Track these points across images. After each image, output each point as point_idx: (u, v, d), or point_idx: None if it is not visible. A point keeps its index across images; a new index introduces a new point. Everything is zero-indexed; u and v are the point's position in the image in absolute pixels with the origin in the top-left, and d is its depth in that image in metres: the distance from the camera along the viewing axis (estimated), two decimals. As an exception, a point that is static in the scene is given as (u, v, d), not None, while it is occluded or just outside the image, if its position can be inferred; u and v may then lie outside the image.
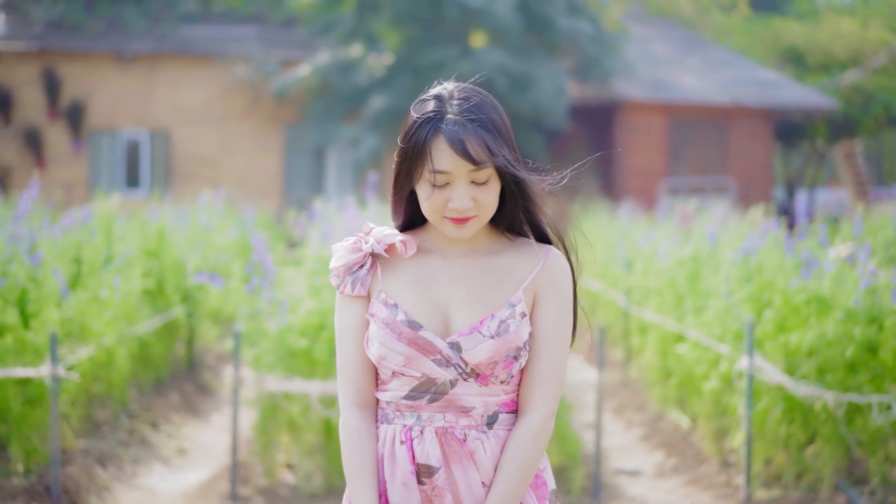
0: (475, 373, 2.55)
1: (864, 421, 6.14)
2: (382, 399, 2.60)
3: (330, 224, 7.24)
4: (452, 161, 2.51)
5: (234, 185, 22.90)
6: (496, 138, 2.53)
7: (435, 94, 2.58)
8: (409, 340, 2.54)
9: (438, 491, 2.54)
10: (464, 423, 2.55)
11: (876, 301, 6.24)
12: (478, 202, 2.53)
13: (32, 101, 23.59)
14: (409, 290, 2.60)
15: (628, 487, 6.82)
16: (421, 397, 2.56)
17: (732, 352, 6.67)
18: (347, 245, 2.63)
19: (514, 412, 2.60)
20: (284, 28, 24.95)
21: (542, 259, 2.62)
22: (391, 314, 2.56)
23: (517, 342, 2.54)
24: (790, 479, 6.34)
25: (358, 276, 2.61)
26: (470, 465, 2.54)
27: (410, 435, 2.56)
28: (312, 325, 6.25)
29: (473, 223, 2.56)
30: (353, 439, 2.56)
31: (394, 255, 2.63)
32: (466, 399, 2.55)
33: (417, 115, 2.56)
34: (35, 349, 6.38)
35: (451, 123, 2.52)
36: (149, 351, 8.70)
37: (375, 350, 2.56)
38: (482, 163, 2.51)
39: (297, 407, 6.17)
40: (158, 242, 9.52)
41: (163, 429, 8.04)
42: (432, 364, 2.54)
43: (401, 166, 2.59)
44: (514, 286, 2.59)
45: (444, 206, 2.54)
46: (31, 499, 5.92)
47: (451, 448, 2.54)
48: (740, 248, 7.49)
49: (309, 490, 6.19)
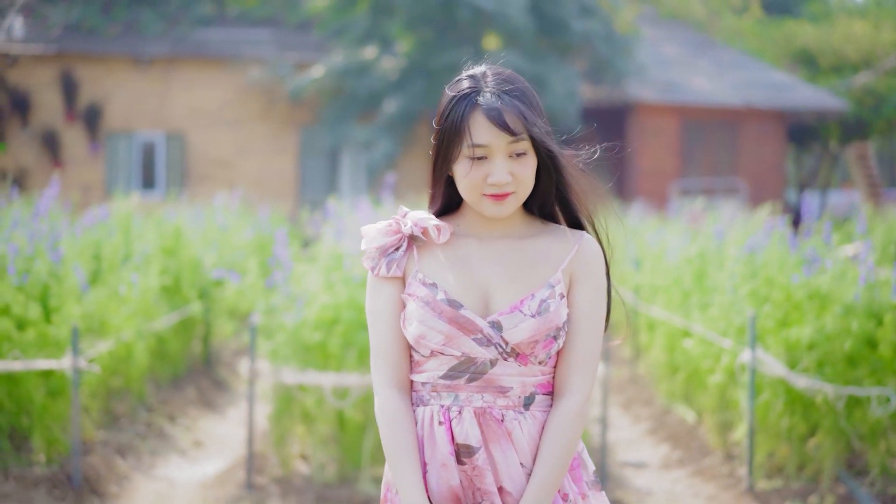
0: (515, 352, 2.55)
1: (864, 413, 6.28)
2: (417, 380, 2.60)
3: (343, 222, 7.41)
4: (491, 133, 2.52)
5: (249, 187, 23.10)
6: (532, 110, 2.55)
7: (469, 74, 2.62)
8: (449, 319, 2.54)
9: (479, 471, 2.54)
10: (501, 403, 2.56)
11: (876, 296, 6.39)
12: (515, 177, 2.54)
13: (50, 104, 23.84)
14: (447, 270, 2.60)
15: (634, 478, 6.98)
16: (459, 377, 2.56)
17: (735, 346, 6.83)
18: (381, 227, 2.63)
19: (549, 394, 2.62)
20: (299, 31, 25.17)
21: (576, 243, 2.64)
22: (431, 293, 2.56)
23: (557, 322, 2.55)
24: (792, 470, 6.49)
25: (393, 258, 2.61)
26: (508, 445, 2.55)
27: (449, 415, 2.56)
28: (327, 320, 6.42)
29: (512, 200, 2.57)
30: (394, 422, 2.55)
31: (429, 239, 2.64)
32: (505, 379, 2.56)
33: (453, 94, 2.59)
34: (56, 343, 6.56)
35: (488, 96, 2.54)
36: (166, 346, 8.90)
37: (415, 329, 2.56)
38: (519, 134, 2.52)
39: (311, 398, 6.35)
40: (175, 241, 9.72)
41: (180, 422, 8.23)
42: (473, 343, 2.54)
43: (439, 149, 2.60)
44: (552, 268, 2.61)
45: (483, 182, 2.54)
46: (53, 487, 6.11)
47: (489, 428, 2.55)
48: (745, 245, 7.65)
49: (322, 480, 6.37)
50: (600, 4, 23.89)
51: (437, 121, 2.60)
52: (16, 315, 6.47)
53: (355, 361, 6.28)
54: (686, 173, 25.21)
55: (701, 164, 25.48)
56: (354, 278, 6.50)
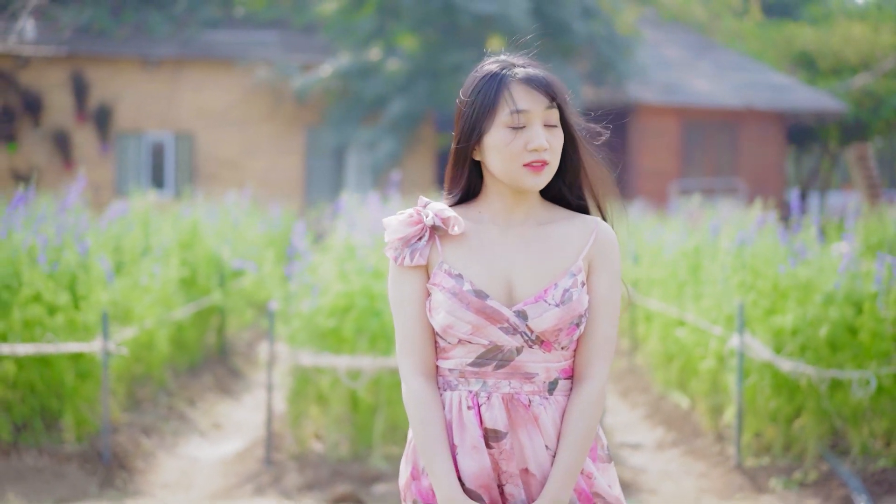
0: (540, 340, 2.63)
1: (846, 396, 6.69)
2: (444, 367, 2.67)
3: (354, 216, 7.82)
4: (530, 98, 2.63)
5: (256, 186, 23.46)
6: (558, 85, 2.69)
7: (495, 59, 2.72)
8: (476, 310, 2.61)
9: (506, 454, 2.62)
10: (528, 388, 2.63)
11: (857, 286, 6.80)
12: (550, 146, 2.63)
13: (61, 105, 24.26)
14: (471, 260, 2.66)
15: (630, 458, 7.39)
16: (487, 364, 2.63)
17: (725, 332, 7.24)
18: (403, 218, 2.69)
19: (569, 378, 2.69)
20: (305, 33, 25.56)
21: (593, 231, 2.71)
22: (457, 284, 2.63)
23: (579, 310, 2.63)
24: (778, 449, 6.89)
25: (416, 248, 2.66)
26: (534, 429, 2.63)
27: (477, 401, 2.63)
28: (340, 307, 6.83)
29: (547, 171, 2.65)
30: (424, 409, 2.62)
31: (446, 228, 2.69)
32: (531, 366, 2.63)
33: (485, 72, 2.68)
34: (85, 328, 6.98)
35: (523, 67, 2.68)
36: (184, 335, 9.33)
37: (443, 319, 2.62)
38: (556, 97, 2.66)
39: (325, 380, 6.76)
40: (192, 235, 10.15)
41: (198, 406, 8.66)
42: (499, 332, 2.61)
43: (466, 123, 2.66)
44: (573, 256, 2.68)
45: (523, 150, 2.61)
46: (84, 462, 6.52)
47: (517, 413, 2.63)
48: (736, 239, 8.06)
49: (336, 456, 6.77)
50: (602, 7, 24.21)
51: (466, 93, 2.67)
52: (47, 301, 6.88)
53: (367, 346, 6.69)
54: (686, 174, 25.58)
55: (701, 164, 25.85)
56: (367, 268, 6.91)
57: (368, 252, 7.06)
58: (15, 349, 6.52)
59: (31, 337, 6.71)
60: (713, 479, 6.75)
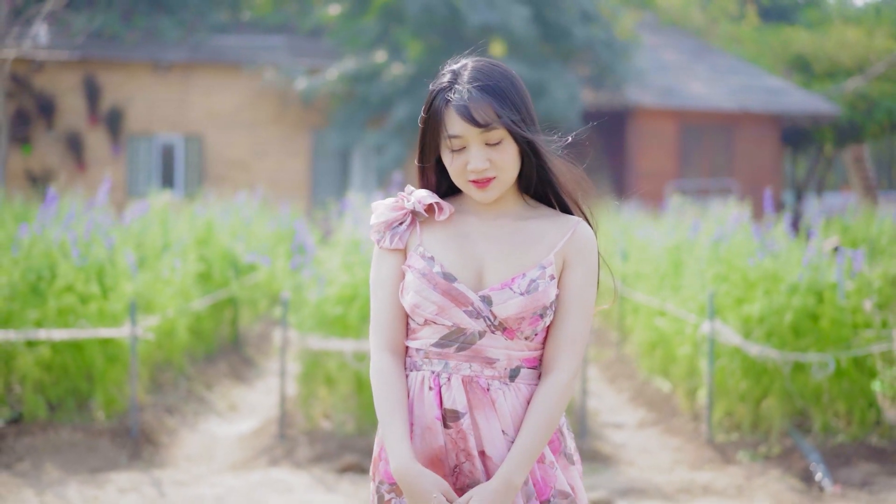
0: (502, 326, 2.68)
1: (807, 378, 7.35)
2: (412, 346, 2.74)
3: (360, 213, 8.49)
4: (462, 126, 2.66)
5: (264, 187, 23.96)
6: (503, 101, 2.66)
7: (451, 68, 2.75)
8: (443, 291, 2.68)
9: (462, 434, 2.68)
10: (488, 373, 2.69)
11: (819, 277, 7.46)
12: (493, 163, 2.67)
13: (74, 108, 24.85)
14: (445, 245, 2.74)
15: (612, 435, 8.05)
16: (450, 345, 2.69)
17: (699, 320, 7.89)
18: (388, 203, 2.78)
19: (534, 368, 2.74)
20: (311, 38, 26.13)
21: (571, 229, 2.76)
22: (428, 266, 2.70)
23: (544, 301, 2.67)
24: (747, 427, 7.54)
25: (397, 231, 2.75)
26: (492, 412, 2.68)
27: (438, 381, 2.70)
28: (346, 296, 7.50)
29: (495, 185, 2.70)
30: (385, 380, 2.68)
31: (432, 216, 2.79)
32: (492, 351, 2.69)
33: (434, 88, 2.73)
34: (113, 316, 7.65)
35: (458, 92, 2.67)
36: (201, 326, 10.00)
37: (411, 298, 2.70)
38: (488, 125, 2.65)
39: (333, 362, 7.43)
40: (207, 232, 10.83)
41: (215, 390, 9.34)
42: (463, 315, 2.68)
43: (424, 136, 2.76)
44: (546, 250, 2.73)
45: (465, 168, 2.69)
46: (114, 437, 7.19)
47: (475, 395, 2.68)
48: (714, 235, 8.74)
49: (343, 433, 7.43)
50: (602, 12, 24.63)
51: (424, 110, 2.76)
52: (79, 292, 7.55)
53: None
54: (683, 175, 26.12)
55: (698, 166, 26.36)
56: (370, 261, 7.56)
57: (372, 246, 7.72)
58: (51, 334, 7.19)
59: (65, 323, 7.38)
60: (686, 452, 7.41)
